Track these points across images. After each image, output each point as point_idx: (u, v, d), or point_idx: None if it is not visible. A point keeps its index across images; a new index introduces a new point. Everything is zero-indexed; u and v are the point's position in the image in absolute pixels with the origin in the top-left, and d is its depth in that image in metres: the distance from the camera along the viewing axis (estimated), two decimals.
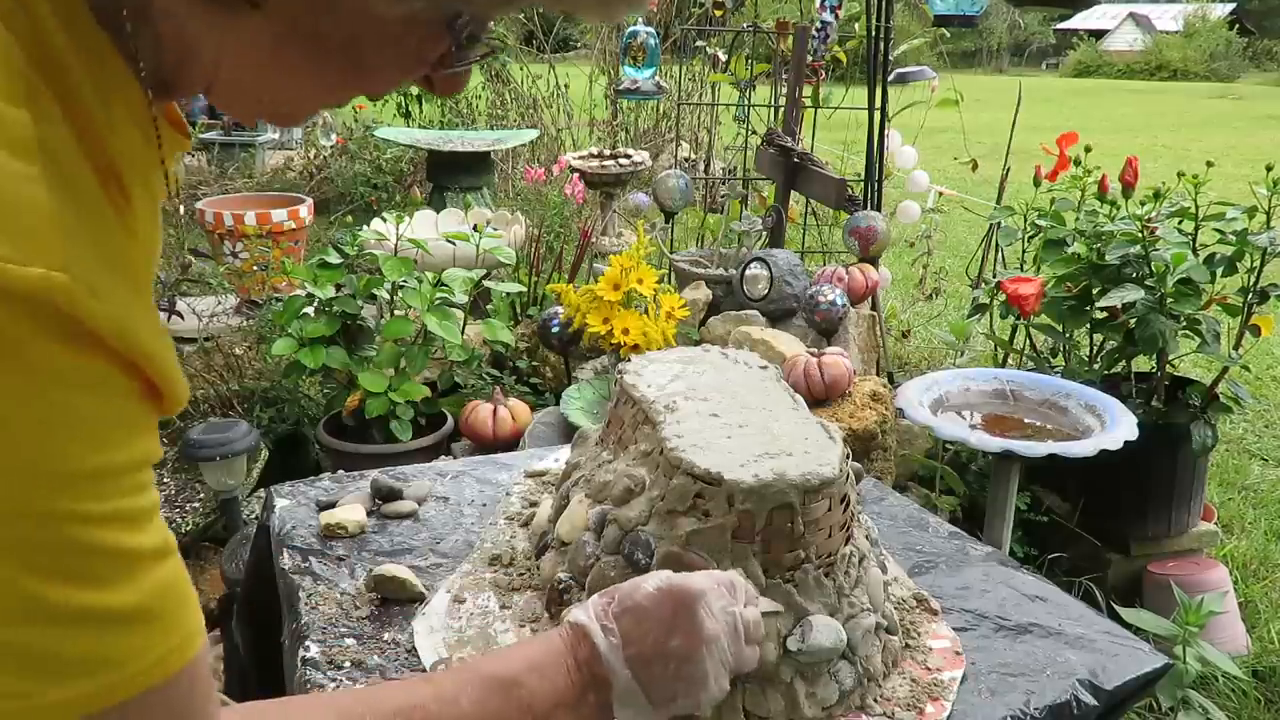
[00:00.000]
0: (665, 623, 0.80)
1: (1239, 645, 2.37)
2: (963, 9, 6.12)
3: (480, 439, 2.40)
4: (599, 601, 0.82)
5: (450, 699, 0.71)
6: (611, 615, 0.80)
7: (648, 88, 3.86)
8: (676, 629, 0.80)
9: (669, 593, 0.81)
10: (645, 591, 0.82)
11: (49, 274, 0.43)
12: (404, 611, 1.09)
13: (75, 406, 0.46)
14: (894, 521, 1.38)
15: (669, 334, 2.43)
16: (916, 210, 3.71)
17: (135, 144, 0.54)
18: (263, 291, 3.13)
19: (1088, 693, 1.01)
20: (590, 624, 0.79)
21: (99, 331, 0.46)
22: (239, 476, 2.22)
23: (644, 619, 0.80)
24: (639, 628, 0.80)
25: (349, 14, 0.52)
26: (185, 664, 0.53)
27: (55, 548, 0.46)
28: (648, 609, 0.81)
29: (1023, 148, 3.83)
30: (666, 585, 0.82)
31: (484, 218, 3.36)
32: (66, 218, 0.45)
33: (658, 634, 0.80)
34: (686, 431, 1.01)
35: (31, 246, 0.43)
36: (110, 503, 0.48)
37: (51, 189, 0.45)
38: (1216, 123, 14.30)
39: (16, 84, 0.45)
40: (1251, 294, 2.49)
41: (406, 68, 0.58)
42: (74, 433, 0.47)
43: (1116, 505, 2.56)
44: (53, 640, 0.47)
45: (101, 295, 0.46)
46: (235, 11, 0.51)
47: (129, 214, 0.53)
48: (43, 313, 0.44)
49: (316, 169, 6.23)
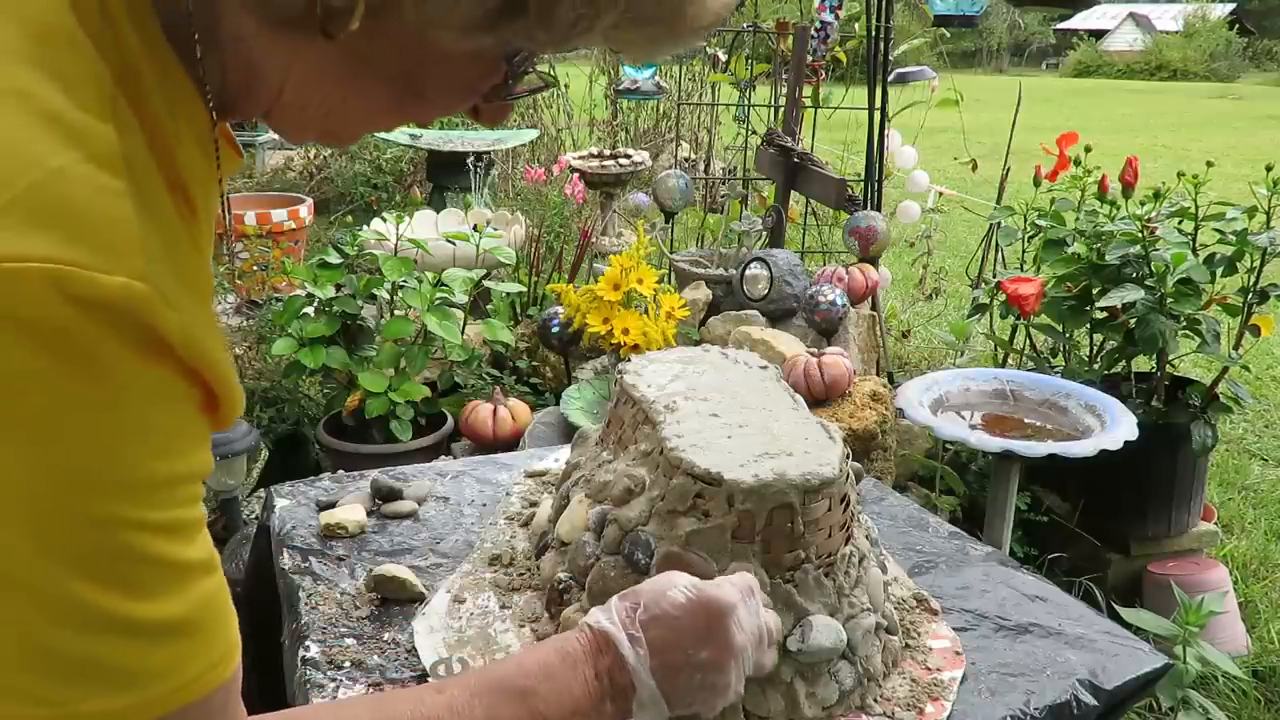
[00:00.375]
0: (697, 635, 0.78)
1: (1239, 645, 2.37)
2: (963, 9, 6.14)
3: (480, 439, 2.40)
4: (622, 606, 0.79)
5: (462, 707, 0.69)
6: (639, 624, 0.77)
7: (648, 88, 3.86)
8: (708, 642, 0.78)
9: (701, 605, 0.79)
10: (674, 600, 0.79)
11: (130, 283, 0.45)
12: (404, 611, 1.10)
13: (143, 414, 0.47)
14: (894, 521, 1.38)
15: (669, 334, 2.43)
16: (916, 210, 3.71)
17: (198, 161, 0.55)
18: (263, 291, 3.12)
19: (1088, 693, 1.01)
20: (616, 633, 0.76)
21: (171, 341, 0.47)
22: (239, 476, 2.22)
23: (674, 630, 0.78)
24: (668, 638, 0.77)
25: (417, 46, 0.54)
26: (223, 682, 0.53)
27: (111, 554, 0.47)
28: (679, 620, 0.78)
29: (1023, 148, 3.83)
30: (697, 596, 0.79)
31: (484, 217, 3.36)
32: (147, 230, 0.47)
33: (688, 646, 0.77)
34: (686, 431, 1.01)
35: (116, 257, 0.45)
36: (168, 512, 0.49)
37: (134, 202, 0.46)
38: (1216, 123, 14.29)
39: (104, 101, 0.47)
40: (1251, 294, 2.49)
41: (461, 98, 0.60)
42: (140, 440, 0.47)
43: (1116, 505, 2.56)
44: (97, 648, 0.47)
45: (175, 305, 0.47)
46: (307, 39, 0.52)
47: (195, 227, 0.55)
48: (123, 321, 0.45)
49: (316, 169, 6.22)
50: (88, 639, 0.47)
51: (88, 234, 0.44)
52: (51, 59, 0.46)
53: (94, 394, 0.45)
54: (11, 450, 0.44)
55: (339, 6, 0.50)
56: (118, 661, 0.48)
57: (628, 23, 0.54)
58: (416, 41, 0.54)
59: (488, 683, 0.72)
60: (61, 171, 0.44)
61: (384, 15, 0.51)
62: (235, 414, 0.55)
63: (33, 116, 0.44)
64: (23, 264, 0.42)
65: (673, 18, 0.55)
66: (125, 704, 0.48)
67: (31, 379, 0.43)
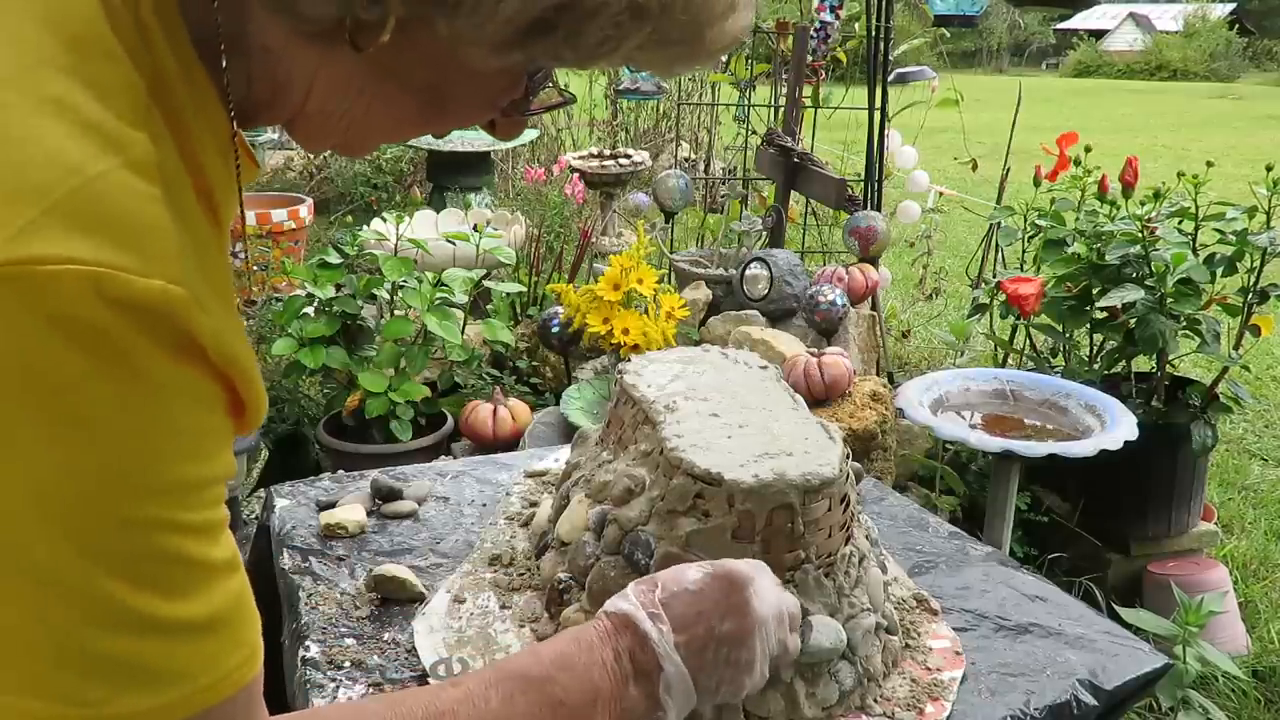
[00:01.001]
0: (719, 606, 0.78)
1: (1239, 645, 2.37)
2: (963, 9, 6.11)
3: (480, 439, 2.40)
4: (639, 589, 0.79)
5: (478, 700, 0.68)
6: (658, 602, 0.77)
7: (647, 88, 3.86)
8: (730, 613, 0.78)
9: (720, 576, 0.80)
10: (693, 576, 0.80)
11: (167, 287, 0.46)
12: (404, 611, 1.09)
13: (176, 416, 0.48)
14: (894, 521, 1.38)
15: (669, 334, 2.43)
16: (916, 210, 3.71)
17: (220, 169, 0.56)
18: (263, 291, 3.12)
19: (1088, 693, 1.01)
20: (635, 611, 0.76)
21: (204, 344, 0.48)
22: (239, 476, 2.22)
23: (696, 602, 0.78)
24: (690, 611, 0.77)
25: (445, 61, 0.55)
26: (247, 682, 0.53)
27: (144, 554, 0.47)
28: (700, 592, 0.78)
29: (1023, 148, 3.83)
30: (714, 569, 0.81)
31: (484, 217, 3.36)
32: (181, 236, 0.48)
33: (710, 617, 0.77)
34: (686, 431, 1.01)
35: (153, 261, 0.46)
36: (198, 514, 0.50)
37: (169, 208, 0.48)
38: (1216, 123, 14.29)
39: (139, 109, 0.48)
40: (1251, 294, 2.49)
41: (482, 111, 0.62)
42: (173, 442, 0.48)
43: (1116, 505, 2.56)
44: (130, 647, 0.47)
45: (207, 310, 0.48)
46: (335, 50, 0.53)
47: (220, 232, 0.56)
48: (160, 325, 0.46)
49: (316, 169, 6.23)
50: (121, 639, 0.47)
51: (126, 238, 0.45)
52: (88, 69, 0.47)
53: (131, 395, 0.46)
54: (49, 449, 0.44)
55: (370, 20, 0.51)
56: (149, 661, 0.48)
57: (652, 44, 0.55)
58: (445, 56, 0.54)
59: (503, 674, 0.71)
60: (101, 177, 0.45)
61: (414, 30, 0.52)
62: (260, 418, 0.56)
63: (72, 124, 0.45)
64: (63, 266, 0.43)
65: (694, 40, 0.56)
66: (155, 704, 0.49)
67: (70, 379, 0.44)
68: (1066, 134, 2.93)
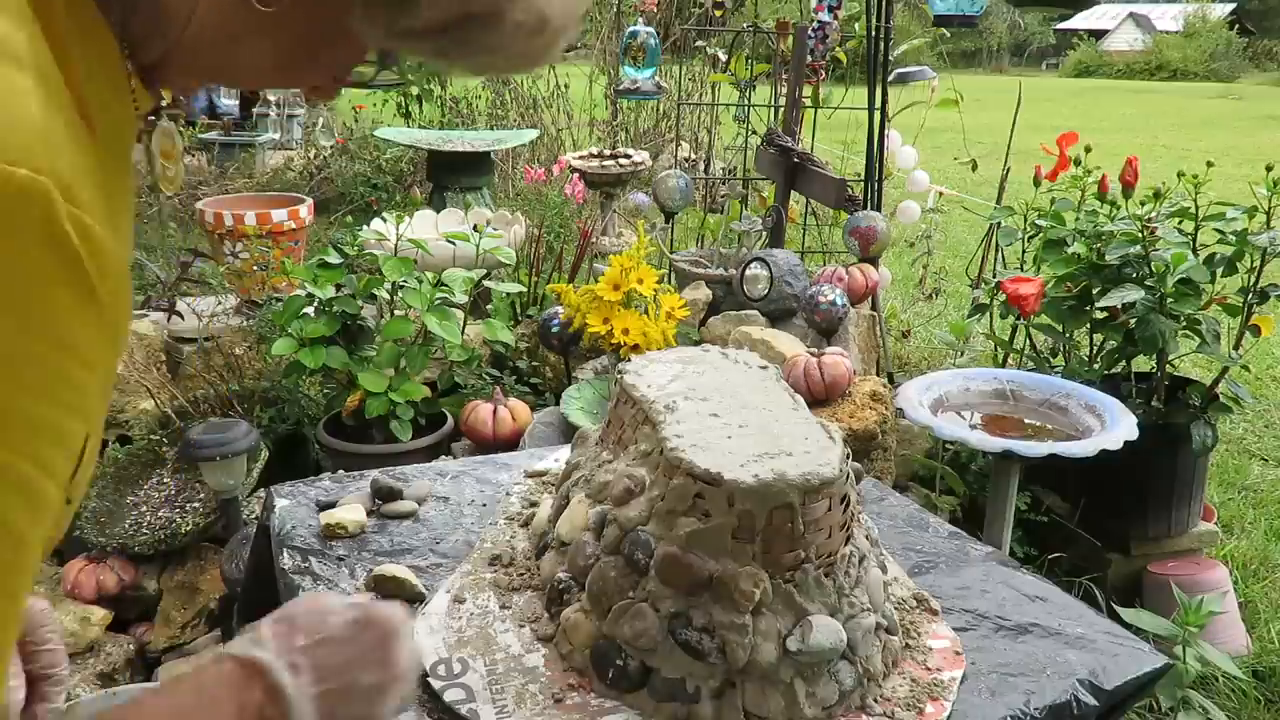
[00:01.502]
0: (366, 657, 0.71)
1: (1239, 645, 2.37)
2: (963, 9, 6.15)
3: (480, 439, 2.40)
4: (277, 630, 0.70)
5: None
6: (299, 649, 0.68)
7: (648, 88, 3.85)
8: (376, 665, 0.71)
9: (370, 623, 0.73)
10: (339, 621, 0.72)
11: (34, 176, 0.47)
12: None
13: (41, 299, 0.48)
14: (894, 521, 1.38)
15: (669, 334, 2.43)
16: (916, 210, 3.71)
17: (106, 94, 0.57)
18: (263, 291, 3.12)
19: (1088, 693, 1.01)
20: (270, 660, 0.66)
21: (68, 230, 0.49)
22: (239, 476, 2.22)
23: (341, 651, 0.70)
24: (335, 660, 0.69)
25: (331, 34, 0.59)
26: None
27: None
28: (348, 640, 0.71)
29: (1023, 148, 3.83)
30: (364, 614, 0.73)
31: (484, 218, 3.36)
32: (54, 129, 0.49)
33: (355, 668, 0.70)
34: (686, 431, 1.01)
35: (21, 151, 0.47)
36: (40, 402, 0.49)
37: (41, 102, 0.49)
38: (1216, 123, 14.29)
39: (23, 9, 0.50)
40: (1251, 294, 2.49)
41: (333, 77, 0.66)
42: (20, 316, 0.48)
43: (1116, 505, 2.56)
44: None
45: (79, 203, 0.49)
46: None
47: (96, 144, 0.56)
48: (23, 212, 0.47)
49: (316, 169, 6.22)
50: None
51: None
52: None
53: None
54: None
55: None
56: None
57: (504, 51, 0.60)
58: (336, 30, 0.58)
59: None
60: None
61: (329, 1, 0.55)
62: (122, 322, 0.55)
63: None
64: None
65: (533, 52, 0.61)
66: None
67: None
68: (1066, 134, 2.93)
